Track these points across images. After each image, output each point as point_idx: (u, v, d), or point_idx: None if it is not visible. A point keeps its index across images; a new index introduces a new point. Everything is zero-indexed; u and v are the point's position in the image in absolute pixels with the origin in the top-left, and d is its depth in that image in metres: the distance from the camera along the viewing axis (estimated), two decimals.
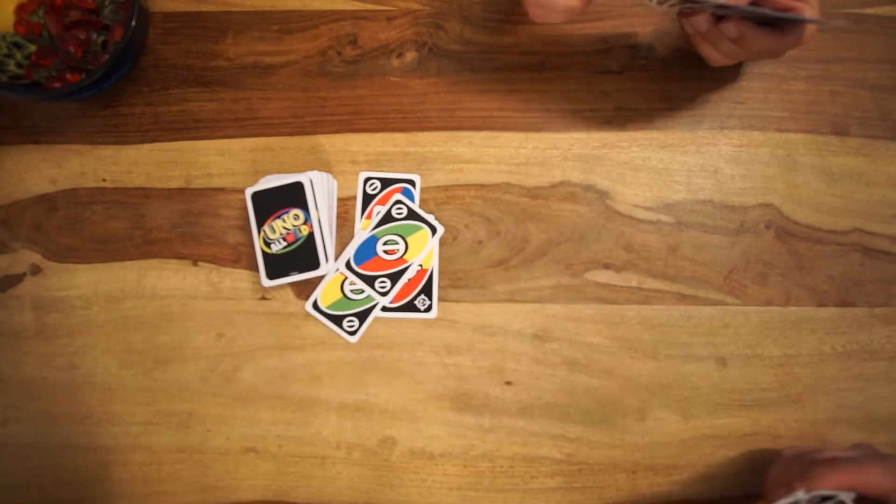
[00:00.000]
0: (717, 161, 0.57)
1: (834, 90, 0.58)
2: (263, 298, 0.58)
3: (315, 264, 0.55)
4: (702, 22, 0.47)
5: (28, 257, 0.59)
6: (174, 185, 0.59)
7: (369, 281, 0.57)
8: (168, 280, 0.58)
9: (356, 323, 0.57)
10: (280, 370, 0.57)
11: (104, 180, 0.59)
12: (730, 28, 0.46)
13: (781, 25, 0.47)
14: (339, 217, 0.58)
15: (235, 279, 0.58)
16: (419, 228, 0.57)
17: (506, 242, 0.57)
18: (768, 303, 0.56)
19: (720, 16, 0.47)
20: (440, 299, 0.57)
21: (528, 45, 0.59)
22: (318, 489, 0.56)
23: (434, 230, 0.57)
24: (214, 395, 0.57)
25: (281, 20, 0.60)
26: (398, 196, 0.57)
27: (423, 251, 0.57)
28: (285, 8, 0.60)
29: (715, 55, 0.50)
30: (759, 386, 0.56)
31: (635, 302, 0.57)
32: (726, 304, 0.56)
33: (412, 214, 0.57)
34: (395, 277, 0.57)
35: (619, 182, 0.58)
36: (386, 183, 0.58)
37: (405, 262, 0.57)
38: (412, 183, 0.58)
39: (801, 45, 0.48)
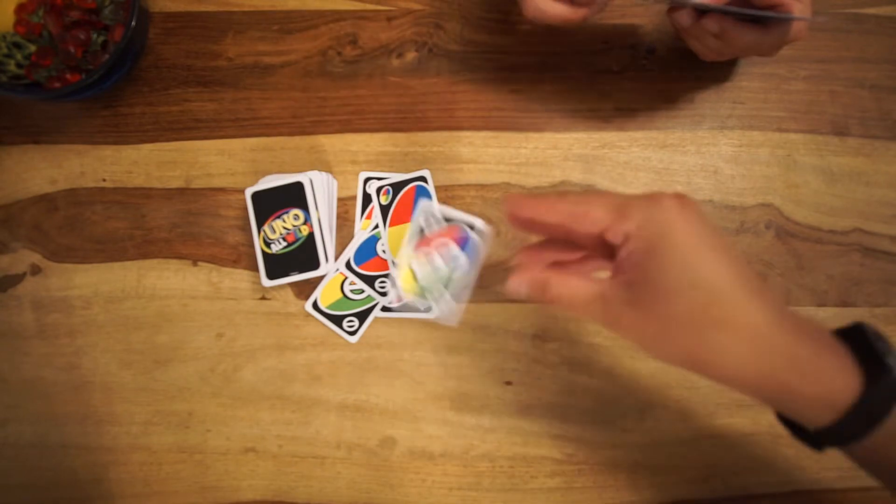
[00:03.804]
0: (717, 161, 0.58)
1: (834, 90, 0.58)
2: (263, 298, 0.58)
3: (315, 264, 0.55)
4: (684, 17, 0.48)
5: (28, 257, 0.59)
6: (174, 185, 0.59)
7: (369, 281, 0.57)
8: (168, 280, 0.58)
9: (356, 323, 0.57)
10: (280, 370, 0.57)
11: (104, 180, 0.59)
12: (710, 24, 0.47)
13: (765, 22, 0.47)
14: (339, 217, 0.58)
15: (235, 279, 0.58)
16: None
17: (506, 242, 0.57)
18: None
19: (703, 11, 0.48)
20: None
21: (528, 45, 0.59)
22: (318, 489, 0.56)
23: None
24: (214, 395, 0.57)
25: (281, 20, 0.60)
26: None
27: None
28: (285, 8, 0.60)
29: (703, 50, 0.51)
30: None
31: None
32: None
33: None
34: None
35: (619, 182, 0.58)
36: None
37: None
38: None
39: (789, 42, 0.48)
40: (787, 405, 0.37)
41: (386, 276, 0.57)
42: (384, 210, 0.57)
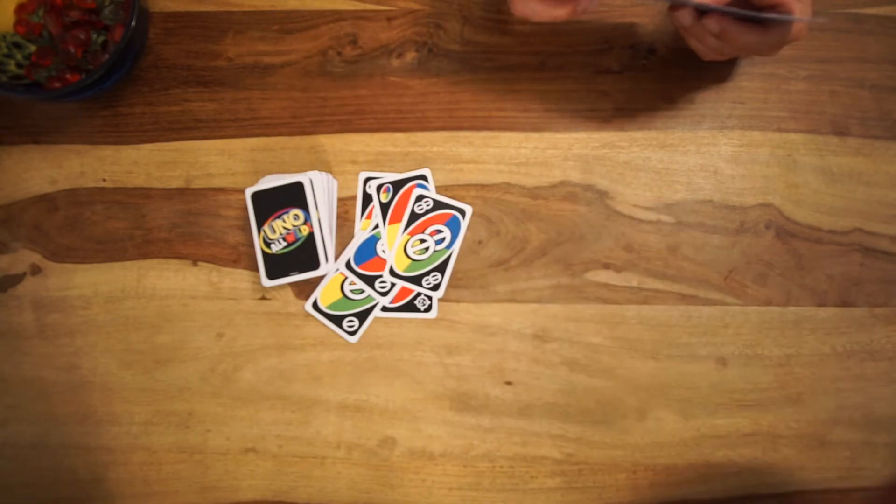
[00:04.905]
0: (717, 161, 0.58)
1: (834, 90, 0.58)
2: (263, 298, 0.58)
3: (315, 264, 0.55)
4: (685, 17, 0.49)
5: (28, 257, 0.59)
6: (174, 185, 0.59)
7: (369, 281, 0.57)
8: (168, 280, 0.58)
9: (356, 323, 0.57)
10: (280, 370, 0.57)
11: (104, 180, 0.59)
12: (711, 24, 0.48)
13: (765, 22, 0.47)
14: (339, 217, 0.58)
15: (235, 279, 0.58)
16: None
17: (506, 242, 0.57)
18: (768, 303, 0.56)
19: (704, 11, 0.48)
20: (440, 299, 0.57)
21: (528, 45, 0.59)
22: (318, 489, 0.56)
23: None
24: (214, 395, 0.57)
25: (281, 20, 0.60)
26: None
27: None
28: (285, 8, 0.60)
29: (703, 50, 0.51)
30: (759, 386, 0.56)
31: (635, 302, 0.57)
32: (726, 304, 0.56)
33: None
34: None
35: (619, 182, 0.58)
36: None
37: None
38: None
39: (789, 42, 0.48)
40: None
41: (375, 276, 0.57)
42: (384, 208, 0.57)
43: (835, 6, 0.58)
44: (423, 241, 0.57)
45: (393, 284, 0.57)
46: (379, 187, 0.58)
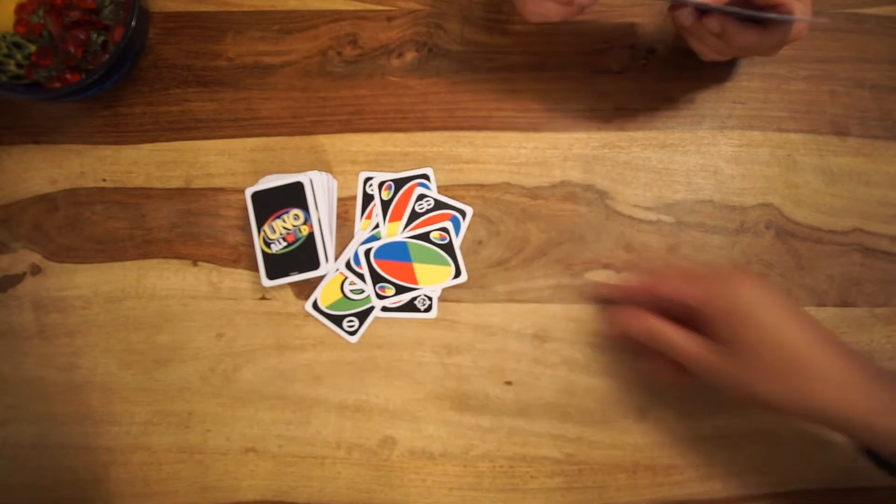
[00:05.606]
0: (717, 161, 0.58)
1: (834, 90, 0.58)
2: (263, 298, 0.58)
3: (315, 264, 0.56)
4: (686, 16, 0.49)
5: (28, 257, 0.59)
6: (174, 185, 0.59)
7: None
8: (168, 280, 0.58)
9: (356, 323, 0.57)
10: (280, 370, 0.57)
11: (104, 180, 0.59)
12: (712, 23, 0.48)
13: (766, 22, 0.47)
14: (339, 217, 0.58)
15: (235, 279, 0.58)
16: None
17: (506, 242, 0.57)
18: None
19: (704, 11, 0.48)
20: (440, 299, 0.57)
21: (528, 45, 0.59)
22: (318, 489, 0.56)
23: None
24: (214, 395, 0.57)
25: (281, 20, 0.60)
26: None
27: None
28: (285, 8, 0.60)
29: (703, 49, 0.51)
30: None
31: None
32: None
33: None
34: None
35: (619, 182, 0.58)
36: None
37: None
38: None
39: (789, 42, 0.48)
40: (868, 439, 0.43)
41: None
42: (385, 205, 0.57)
43: (835, 6, 0.58)
44: None
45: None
46: (381, 184, 0.58)
